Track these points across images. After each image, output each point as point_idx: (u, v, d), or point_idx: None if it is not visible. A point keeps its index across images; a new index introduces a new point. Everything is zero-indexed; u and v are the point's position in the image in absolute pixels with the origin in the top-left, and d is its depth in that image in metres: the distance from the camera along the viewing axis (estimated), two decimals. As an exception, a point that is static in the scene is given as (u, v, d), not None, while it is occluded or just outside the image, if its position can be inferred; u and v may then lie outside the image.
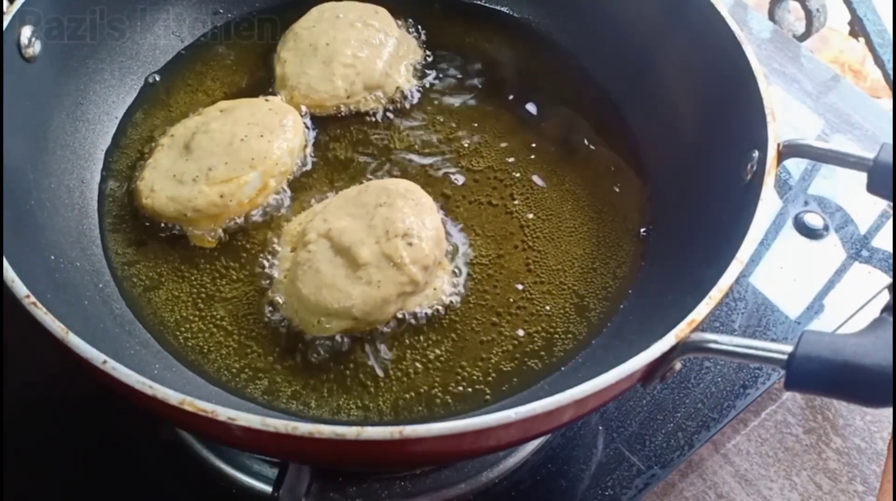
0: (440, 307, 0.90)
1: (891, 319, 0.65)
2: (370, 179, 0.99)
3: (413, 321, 0.89)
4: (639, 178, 1.01)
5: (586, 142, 1.06)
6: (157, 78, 1.10)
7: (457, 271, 0.93)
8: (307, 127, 1.04)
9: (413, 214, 0.89)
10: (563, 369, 0.87)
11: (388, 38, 1.09)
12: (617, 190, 1.01)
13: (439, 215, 0.93)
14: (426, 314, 0.89)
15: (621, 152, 1.04)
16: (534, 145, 1.05)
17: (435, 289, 0.90)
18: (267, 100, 1.04)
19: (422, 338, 0.88)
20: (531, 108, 1.09)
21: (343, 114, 1.06)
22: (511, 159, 1.03)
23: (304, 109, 1.05)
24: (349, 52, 1.06)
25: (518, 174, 1.02)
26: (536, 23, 1.15)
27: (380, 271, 0.85)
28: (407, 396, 0.85)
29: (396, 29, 1.12)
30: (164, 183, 0.95)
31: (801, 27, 1.39)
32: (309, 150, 1.03)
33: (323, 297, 0.85)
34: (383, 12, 1.13)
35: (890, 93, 1.38)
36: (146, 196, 0.95)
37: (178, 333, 0.88)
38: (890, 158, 0.76)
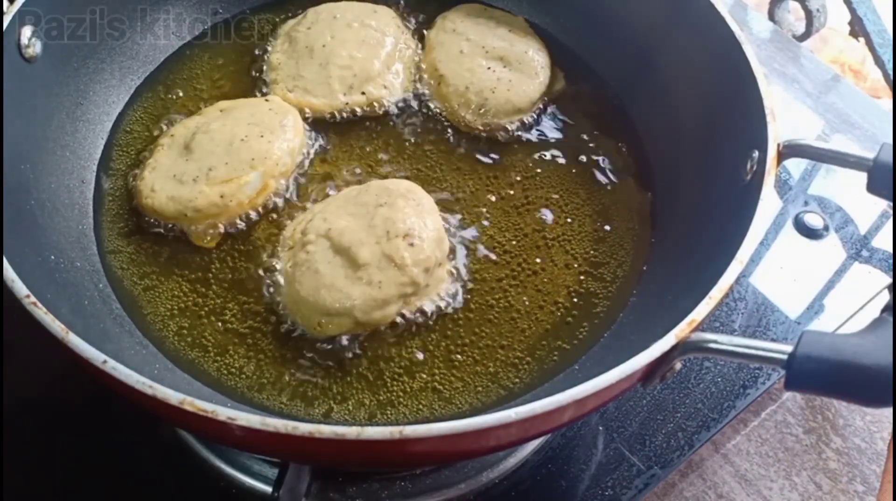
0: (441, 308, 0.90)
1: (891, 319, 0.65)
2: (370, 179, 0.99)
3: (414, 322, 0.89)
4: (639, 178, 1.01)
5: (587, 142, 1.06)
6: (158, 78, 1.09)
7: (457, 271, 0.93)
8: (307, 128, 1.04)
9: (414, 214, 0.89)
10: (563, 369, 0.87)
11: (386, 38, 1.09)
12: (617, 190, 1.01)
13: (440, 215, 0.93)
14: (427, 314, 0.89)
15: (622, 152, 1.04)
16: (535, 146, 1.05)
17: (438, 293, 0.90)
18: (267, 100, 1.04)
19: (422, 339, 0.88)
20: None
21: (342, 116, 1.06)
22: (512, 160, 1.03)
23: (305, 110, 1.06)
24: (345, 54, 1.06)
25: (518, 175, 1.02)
26: (536, 23, 1.14)
27: (380, 271, 0.85)
28: (408, 395, 0.85)
29: (395, 28, 1.11)
30: (165, 183, 0.95)
31: (801, 27, 1.39)
32: (310, 150, 1.02)
33: (322, 297, 0.85)
34: (382, 10, 1.13)
35: (890, 93, 1.38)
36: (146, 196, 0.95)
37: (178, 333, 0.88)
38: (890, 158, 0.76)
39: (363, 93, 1.06)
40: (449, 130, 1.06)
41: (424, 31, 1.14)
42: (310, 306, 0.86)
